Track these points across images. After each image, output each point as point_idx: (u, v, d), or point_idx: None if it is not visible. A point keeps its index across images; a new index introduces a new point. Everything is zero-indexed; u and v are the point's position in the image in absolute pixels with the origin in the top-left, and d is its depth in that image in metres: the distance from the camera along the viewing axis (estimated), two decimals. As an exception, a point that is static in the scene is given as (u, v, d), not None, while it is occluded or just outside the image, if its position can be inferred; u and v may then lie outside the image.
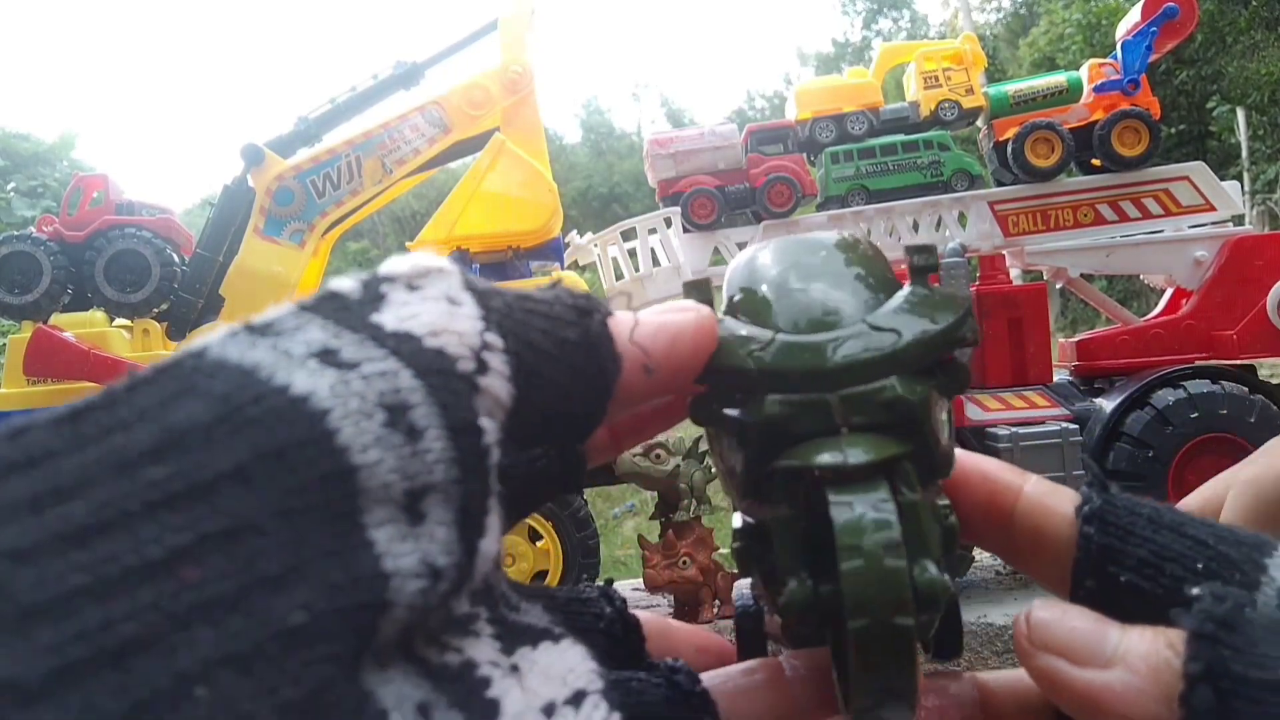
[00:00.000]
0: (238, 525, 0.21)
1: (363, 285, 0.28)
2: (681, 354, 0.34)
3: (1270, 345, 5.48)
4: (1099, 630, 0.31)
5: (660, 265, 6.12)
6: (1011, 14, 24.88)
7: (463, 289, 0.29)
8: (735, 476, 0.38)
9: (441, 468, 0.24)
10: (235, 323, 0.27)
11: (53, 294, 5.38)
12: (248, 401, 0.23)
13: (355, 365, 0.24)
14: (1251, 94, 14.55)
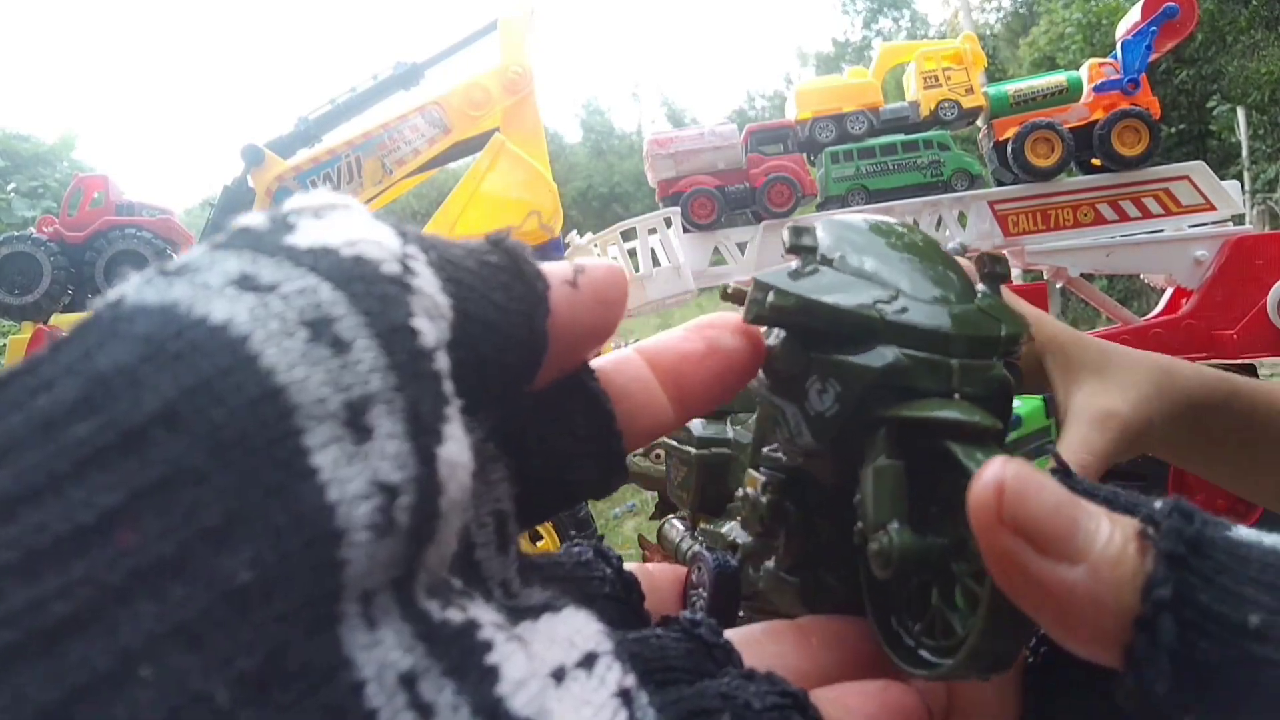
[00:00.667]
0: (172, 473, 0.20)
1: (269, 217, 0.27)
2: (601, 275, 0.33)
3: (1271, 345, 5.47)
4: (1072, 516, 0.28)
5: (660, 265, 6.12)
6: (1011, 13, 24.87)
7: (371, 217, 0.28)
8: (813, 422, 0.39)
9: (377, 376, 0.23)
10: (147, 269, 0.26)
11: (53, 295, 5.38)
12: (169, 338, 0.22)
13: (273, 287, 0.23)
14: (1252, 93, 14.54)
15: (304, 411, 0.22)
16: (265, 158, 5.84)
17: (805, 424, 0.40)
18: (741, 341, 0.40)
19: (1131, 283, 13.95)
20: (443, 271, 0.27)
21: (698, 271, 6.33)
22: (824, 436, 0.39)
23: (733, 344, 0.40)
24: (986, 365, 0.37)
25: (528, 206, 5.74)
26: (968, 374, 0.37)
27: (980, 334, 0.38)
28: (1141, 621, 0.26)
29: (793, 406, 0.40)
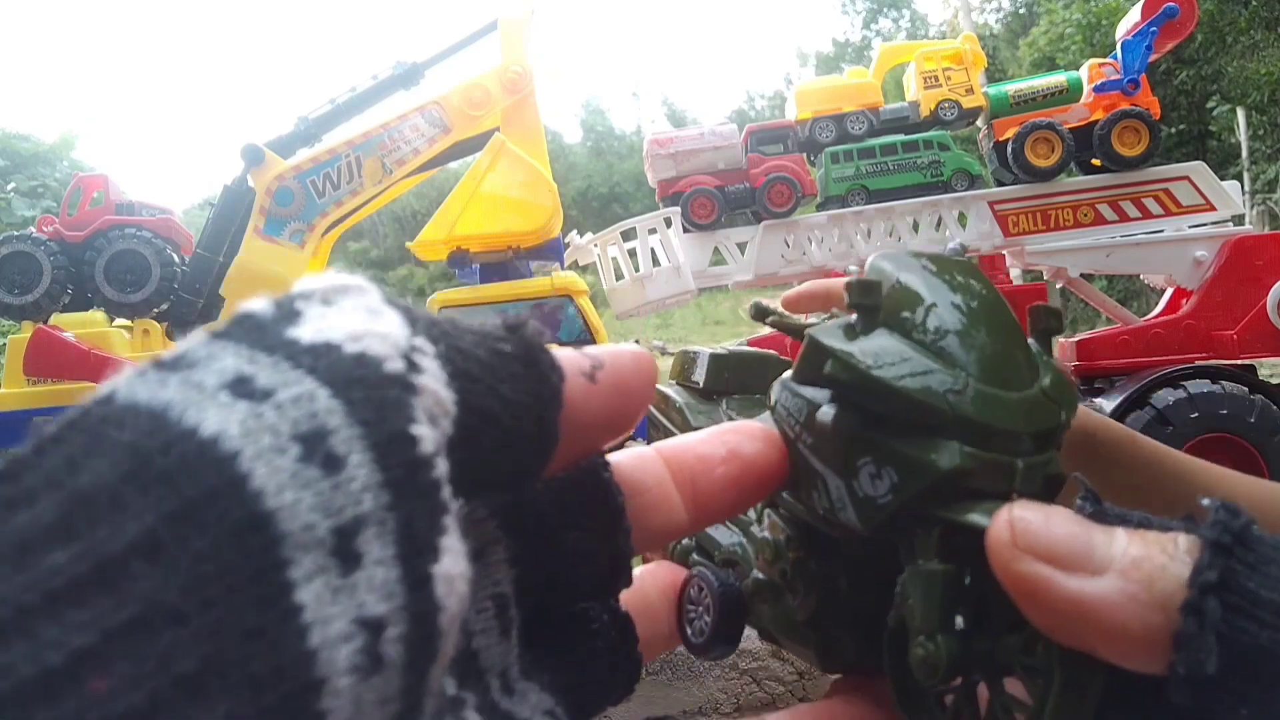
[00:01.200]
0: (149, 612, 0.19)
1: (275, 304, 0.25)
2: (624, 366, 0.33)
3: (1271, 345, 5.47)
4: (1085, 534, 0.29)
5: (660, 265, 6.12)
6: (1011, 14, 24.88)
7: (384, 303, 0.26)
8: (861, 505, 0.37)
9: (370, 495, 0.22)
10: (142, 362, 0.25)
11: (53, 294, 5.38)
12: (156, 452, 0.21)
13: (269, 393, 0.22)
14: (1251, 94, 14.55)
15: (291, 541, 0.20)
16: (265, 157, 5.85)
17: (851, 504, 0.38)
18: (764, 449, 0.39)
19: (1131, 283, 13.96)
20: (450, 364, 0.25)
21: (698, 271, 6.33)
22: (870, 522, 0.38)
23: (754, 451, 0.39)
24: (1046, 460, 0.37)
25: (528, 206, 5.75)
26: (1029, 473, 0.36)
27: (1045, 427, 0.37)
28: (1188, 606, 0.27)
29: (838, 480, 0.39)
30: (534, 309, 5.68)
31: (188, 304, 5.67)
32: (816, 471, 0.39)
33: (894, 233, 6.12)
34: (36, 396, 5.30)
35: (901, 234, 6.11)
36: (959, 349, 0.38)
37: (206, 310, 5.70)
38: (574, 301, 5.64)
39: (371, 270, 32.13)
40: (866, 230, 6.13)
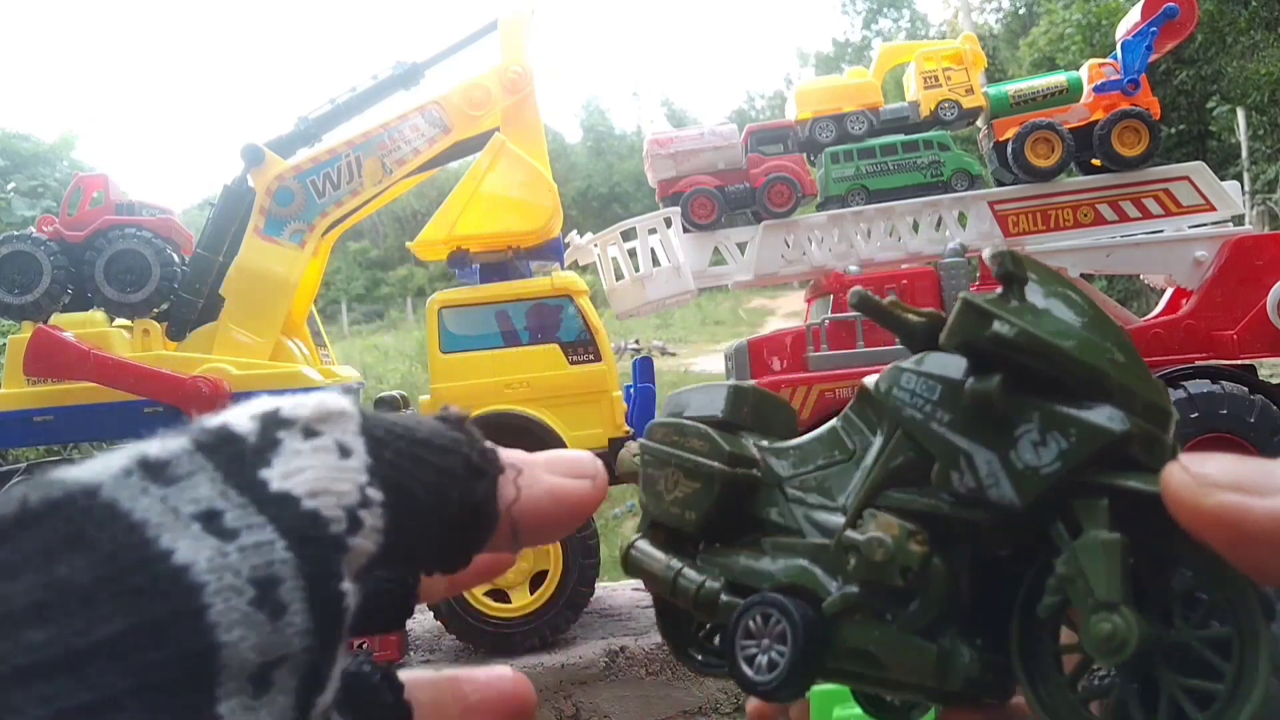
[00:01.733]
0: (99, 700, 0.23)
1: (260, 427, 0.30)
2: (550, 529, 0.37)
3: (1270, 345, 5.47)
4: (1259, 464, 0.32)
5: (660, 265, 6.12)
6: (1012, 14, 24.89)
7: (358, 434, 0.31)
8: (1019, 476, 0.38)
9: (299, 639, 0.27)
10: (130, 455, 0.28)
11: (53, 294, 5.37)
12: (132, 567, 0.25)
13: (235, 534, 0.27)
14: (1251, 94, 14.54)
15: (228, 671, 0.25)
16: (265, 157, 5.84)
17: (1008, 476, 0.37)
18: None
19: (1131, 283, 13.97)
20: (393, 513, 0.30)
21: (698, 271, 6.33)
22: (1030, 493, 0.37)
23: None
24: (1175, 443, 0.39)
25: (527, 206, 5.75)
26: (1172, 450, 0.38)
27: (1171, 409, 0.40)
28: None
29: (989, 453, 0.38)
30: (534, 309, 5.69)
31: (188, 304, 5.66)
32: (959, 450, 0.39)
33: (894, 232, 6.12)
34: (36, 396, 5.30)
35: (901, 234, 6.11)
36: (1097, 328, 0.40)
37: (206, 310, 5.70)
38: (574, 301, 5.64)
39: (372, 270, 32.09)
40: (866, 230, 6.13)
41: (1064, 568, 0.37)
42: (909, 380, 0.42)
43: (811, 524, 0.48)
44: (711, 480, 0.51)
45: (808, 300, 6.67)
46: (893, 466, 0.43)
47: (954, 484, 0.39)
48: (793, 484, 0.50)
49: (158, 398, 5.21)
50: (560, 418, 5.49)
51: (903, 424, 0.42)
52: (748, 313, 24.16)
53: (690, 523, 0.52)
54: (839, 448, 0.49)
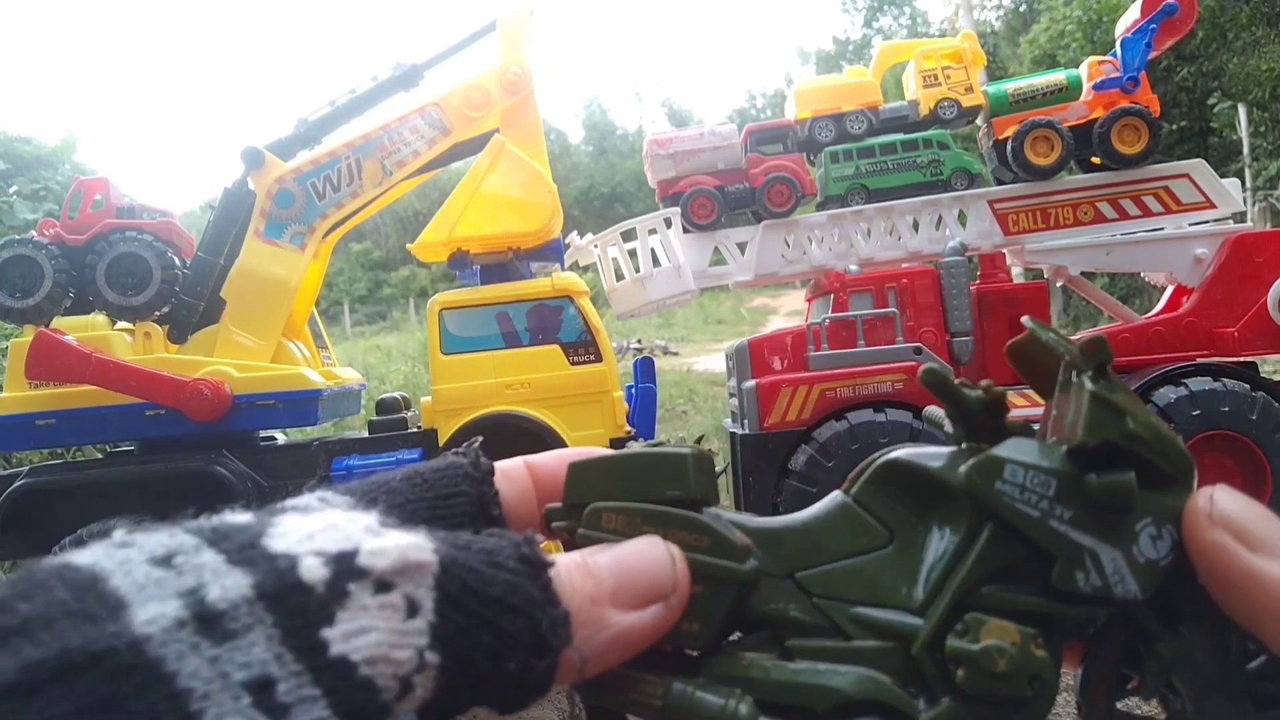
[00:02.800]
0: None
1: (332, 576, 0.29)
2: (618, 663, 0.38)
3: (1272, 342, 5.47)
4: (1274, 523, 0.34)
5: (661, 265, 6.12)
6: (1012, 11, 24.86)
7: (432, 589, 0.31)
8: (1141, 570, 0.38)
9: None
10: (188, 600, 0.28)
11: (54, 297, 5.38)
12: (115, 674, 0.25)
13: (286, 712, 0.26)
14: (1252, 90, 14.51)
15: None
16: (265, 160, 5.83)
17: (1131, 573, 0.38)
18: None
19: (1132, 281, 13.95)
20: (448, 675, 0.32)
21: (698, 271, 6.33)
22: (1151, 586, 0.37)
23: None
24: None
25: (528, 207, 5.74)
26: None
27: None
28: None
29: (1114, 551, 0.38)
30: (535, 309, 5.69)
31: (189, 307, 5.67)
32: (1083, 548, 0.38)
33: (894, 232, 6.12)
34: (38, 400, 5.31)
35: (901, 233, 6.11)
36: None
37: (208, 313, 5.70)
38: (574, 302, 5.64)
39: (374, 271, 32.10)
40: (866, 229, 6.13)
41: (1168, 650, 0.38)
42: (1015, 473, 0.40)
43: (858, 624, 0.42)
44: (727, 584, 0.43)
45: (808, 300, 6.66)
46: (990, 564, 0.41)
47: (1079, 583, 0.39)
48: (814, 576, 0.43)
49: (159, 400, 5.22)
50: (561, 418, 5.50)
51: (1015, 521, 0.40)
52: (750, 312, 24.16)
53: (693, 636, 0.43)
54: (866, 533, 0.44)
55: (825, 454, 5.29)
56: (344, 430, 7.72)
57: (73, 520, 5.24)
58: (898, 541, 0.44)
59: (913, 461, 0.44)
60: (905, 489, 0.44)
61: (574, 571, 0.37)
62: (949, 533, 0.42)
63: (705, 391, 13.52)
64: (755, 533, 0.45)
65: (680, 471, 0.45)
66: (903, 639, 0.41)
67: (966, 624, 0.40)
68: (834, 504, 0.46)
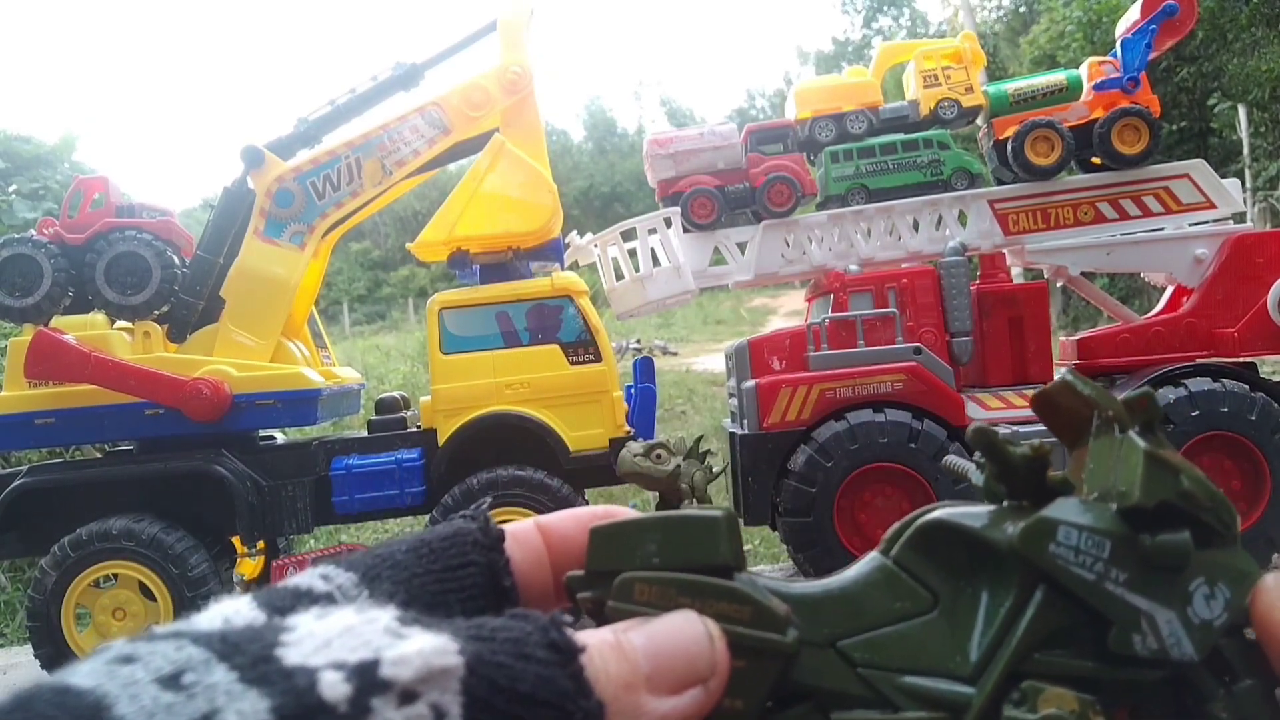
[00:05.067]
0: None
1: (354, 693, 0.28)
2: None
3: (1271, 343, 5.47)
4: None
5: (660, 265, 6.12)
6: (1012, 11, 24.86)
7: (459, 694, 0.30)
8: (1195, 631, 0.38)
9: None
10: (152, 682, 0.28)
11: (53, 296, 5.37)
12: None
13: None
14: (1253, 90, 14.52)
15: None
16: (265, 159, 5.83)
17: (1187, 634, 0.37)
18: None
19: (1132, 281, 13.94)
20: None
21: (698, 271, 6.32)
22: (1206, 648, 0.37)
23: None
24: None
25: (527, 207, 5.74)
26: None
27: None
28: None
29: (1169, 613, 0.38)
30: (534, 309, 5.69)
31: (188, 306, 5.67)
32: (1139, 611, 0.38)
33: (894, 231, 6.11)
34: (37, 399, 5.31)
35: (901, 233, 6.10)
36: None
37: (207, 312, 5.70)
38: (574, 302, 5.64)
39: (373, 271, 32.09)
40: (866, 229, 6.13)
41: (1224, 710, 0.38)
42: (1069, 535, 0.39)
43: (905, 694, 0.41)
44: (770, 658, 0.40)
45: (808, 299, 6.66)
46: (1043, 629, 0.40)
47: (1135, 646, 0.38)
48: (857, 644, 0.42)
49: (159, 400, 5.22)
50: (561, 418, 5.50)
51: (1070, 584, 0.39)
52: (749, 312, 24.16)
53: (736, 714, 0.40)
54: (910, 598, 0.43)
55: (825, 454, 5.29)
56: (343, 430, 7.72)
57: (72, 519, 5.25)
58: (943, 606, 0.43)
59: (958, 523, 0.43)
60: (949, 551, 0.43)
61: (607, 655, 0.35)
62: (999, 596, 0.42)
63: (704, 391, 13.52)
64: (793, 599, 0.43)
65: (712, 536, 0.43)
66: (954, 709, 0.40)
67: (1023, 692, 0.39)
68: (873, 567, 0.44)
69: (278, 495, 5.42)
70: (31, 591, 5.20)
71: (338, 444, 5.66)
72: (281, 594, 0.38)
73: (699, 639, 0.38)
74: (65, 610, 5.11)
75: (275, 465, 5.52)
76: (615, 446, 5.33)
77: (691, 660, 0.37)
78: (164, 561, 5.11)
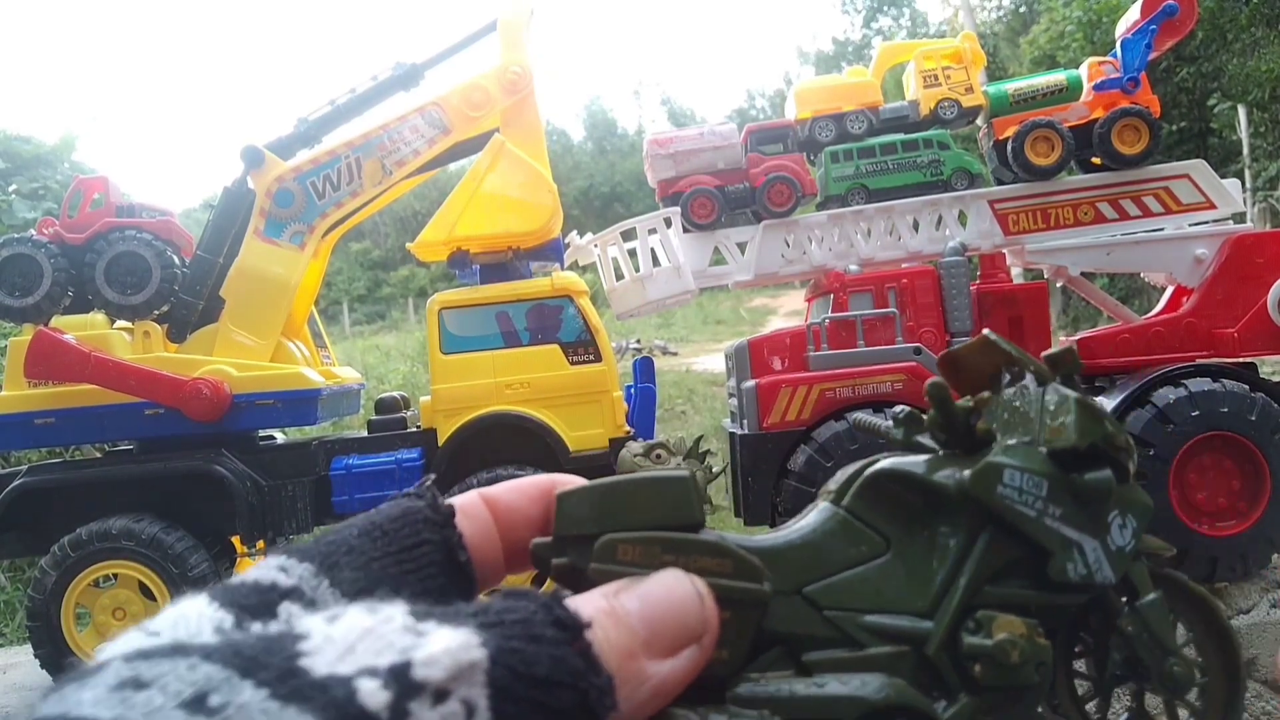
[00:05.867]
0: None
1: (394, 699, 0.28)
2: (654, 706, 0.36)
3: (1271, 343, 5.47)
4: None
5: (660, 265, 6.12)
6: (1012, 11, 24.86)
7: (485, 686, 0.30)
8: (1113, 557, 0.43)
9: None
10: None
11: (54, 296, 5.38)
12: None
13: None
14: (1252, 90, 14.53)
15: None
16: (265, 159, 5.84)
17: (1107, 560, 0.42)
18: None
19: (1132, 281, 13.96)
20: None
21: (698, 271, 6.32)
22: (1121, 571, 0.42)
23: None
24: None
25: (527, 207, 5.75)
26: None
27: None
28: None
29: (1094, 541, 0.43)
30: (534, 309, 5.69)
31: (188, 306, 5.67)
32: (1072, 541, 0.43)
33: (894, 232, 6.11)
34: (37, 399, 5.31)
35: (901, 233, 6.10)
36: None
37: (207, 312, 5.70)
38: (574, 302, 5.64)
39: (373, 271, 32.10)
40: (866, 229, 6.13)
41: (1130, 625, 0.42)
42: (1013, 477, 0.43)
43: (869, 632, 0.43)
44: (752, 607, 0.42)
45: (808, 300, 6.66)
46: (992, 563, 0.43)
47: (1069, 573, 0.43)
48: (821, 590, 0.44)
49: (159, 399, 5.22)
50: (560, 418, 5.50)
51: (1015, 520, 0.43)
52: (749, 312, 24.16)
53: (723, 663, 0.42)
54: (865, 543, 0.45)
55: (825, 454, 5.29)
56: (343, 430, 7.72)
57: (72, 519, 5.24)
58: (895, 548, 0.44)
59: (908, 471, 0.46)
60: (896, 497, 0.45)
61: (607, 626, 0.35)
62: (948, 536, 0.44)
63: (704, 391, 13.53)
64: (759, 551, 0.45)
65: (684, 495, 0.44)
66: (915, 642, 0.42)
67: (979, 621, 0.42)
68: (828, 516, 0.46)
69: (278, 495, 5.42)
70: (31, 591, 5.20)
71: (338, 444, 5.66)
72: (243, 590, 0.37)
73: (690, 598, 0.38)
74: (65, 610, 5.11)
75: (275, 465, 5.52)
76: (615, 446, 5.34)
77: (685, 620, 0.37)
78: (164, 561, 5.11)
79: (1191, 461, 5.16)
